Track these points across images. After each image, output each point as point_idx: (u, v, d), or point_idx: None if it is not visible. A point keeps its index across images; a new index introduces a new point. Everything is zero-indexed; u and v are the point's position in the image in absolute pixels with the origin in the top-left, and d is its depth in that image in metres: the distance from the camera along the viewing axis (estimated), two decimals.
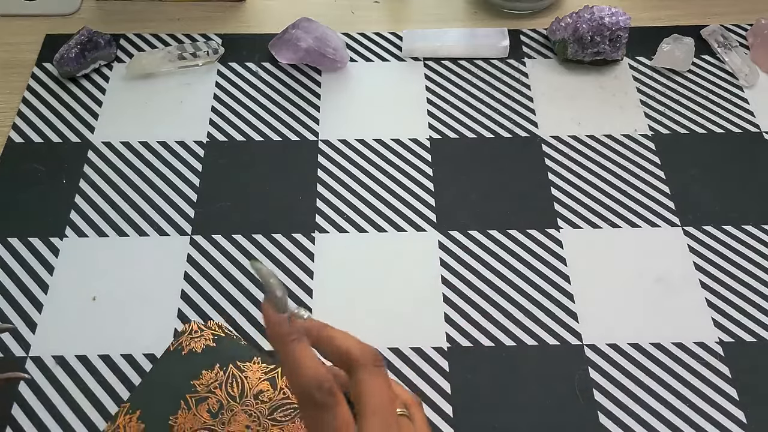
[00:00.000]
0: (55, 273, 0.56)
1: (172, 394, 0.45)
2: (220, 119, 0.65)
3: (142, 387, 0.47)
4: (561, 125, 0.65)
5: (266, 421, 0.44)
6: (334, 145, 0.64)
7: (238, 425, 0.44)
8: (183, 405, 0.45)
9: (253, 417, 0.44)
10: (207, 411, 0.44)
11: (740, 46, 0.70)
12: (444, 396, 0.51)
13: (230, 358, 0.47)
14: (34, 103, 0.66)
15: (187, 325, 0.50)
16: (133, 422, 0.44)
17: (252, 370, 0.46)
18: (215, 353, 0.47)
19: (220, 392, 0.45)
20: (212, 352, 0.47)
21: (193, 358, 0.47)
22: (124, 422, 0.44)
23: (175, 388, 0.46)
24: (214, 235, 0.58)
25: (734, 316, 0.54)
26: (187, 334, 0.49)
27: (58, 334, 0.53)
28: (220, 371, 0.46)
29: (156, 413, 0.45)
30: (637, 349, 0.53)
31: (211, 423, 0.44)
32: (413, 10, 0.75)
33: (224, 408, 0.45)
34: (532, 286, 0.56)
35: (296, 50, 0.68)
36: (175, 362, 0.48)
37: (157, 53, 0.68)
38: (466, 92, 0.68)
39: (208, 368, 0.46)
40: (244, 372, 0.46)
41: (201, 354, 0.47)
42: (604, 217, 0.60)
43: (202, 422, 0.44)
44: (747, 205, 0.60)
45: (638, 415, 0.50)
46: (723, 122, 0.65)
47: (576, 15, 0.67)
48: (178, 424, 0.44)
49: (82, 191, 0.61)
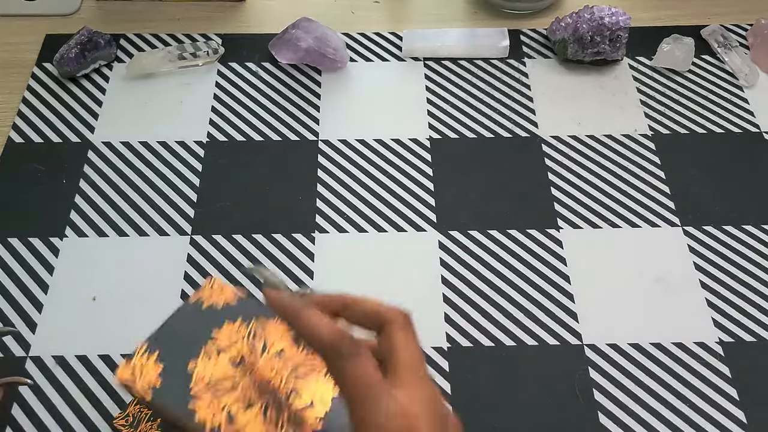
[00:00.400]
0: (55, 273, 0.56)
1: (192, 341, 0.44)
2: (220, 119, 0.65)
3: (160, 332, 0.46)
4: (561, 125, 0.65)
5: (287, 377, 0.43)
6: (334, 145, 0.64)
7: (259, 377, 0.43)
8: (203, 352, 0.44)
9: (275, 371, 0.43)
10: (229, 360, 0.43)
11: (740, 46, 0.70)
12: (444, 396, 0.51)
13: (252, 314, 0.46)
14: (34, 103, 0.66)
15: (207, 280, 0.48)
16: (151, 362, 0.43)
17: (274, 327, 0.45)
18: (235, 309, 0.46)
19: (241, 344, 0.44)
20: (232, 309, 0.46)
21: (213, 312, 0.46)
22: (142, 361, 0.43)
23: (195, 336, 0.45)
24: (214, 235, 0.58)
25: (734, 316, 0.54)
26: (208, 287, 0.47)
27: (58, 334, 0.53)
28: (242, 324, 0.45)
29: (175, 356, 0.43)
30: (637, 349, 0.53)
31: (231, 373, 0.43)
32: (413, 10, 0.75)
33: (246, 360, 0.43)
34: (532, 286, 0.56)
35: (296, 50, 0.68)
36: (195, 313, 0.46)
37: (157, 53, 0.68)
38: (466, 92, 0.68)
39: (231, 320, 0.45)
40: (266, 329, 0.45)
41: (221, 310, 0.46)
42: (604, 217, 0.60)
43: (223, 371, 0.43)
44: (747, 205, 0.60)
45: (638, 415, 0.50)
46: (723, 122, 0.65)
47: (576, 15, 0.67)
48: (198, 370, 0.43)
49: (82, 191, 0.61)
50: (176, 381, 0.42)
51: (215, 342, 0.44)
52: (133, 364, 0.43)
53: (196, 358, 0.43)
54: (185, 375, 0.42)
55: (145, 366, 0.43)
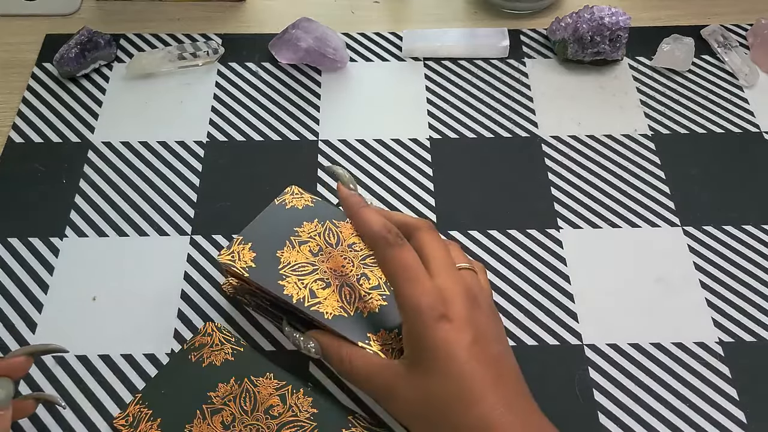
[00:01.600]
0: (55, 273, 0.56)
1: (278, 235, 0.51)
2: (220, 119, 0.66)
3: (251, 228, 0.52)
4: (561, 125, 0.65)
5: (358, 264, 0.51)
6: (334, 145, 0.64)
7: (334, 264, 0.50)
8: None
9: (347, 260, 0.51)
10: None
11: (740, 46, 0.70)
12: None
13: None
14: (34, 103, 0.66)
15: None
16: (246, 249, 0.51)
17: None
18: (232, 367, 0.50)
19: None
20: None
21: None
22: (239, 249, 0.50)
23: (280, 232, 0.52)
24: (214, 235, 0.58)
25: (734, 316, 0.54)
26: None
27: (58, 334, 0.53)
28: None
29: (265, 246, 0.51)
30: (637, 349, 0.53)
31: (312, 260, 0.50)
32: (413, 10, 0.75)
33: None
34: (532, 286, 0.56)
35: (296, 50, 0.68)
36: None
37: (157, 53, 0.68)
38: (466, 92, 0.68)
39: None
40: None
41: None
42: (604, 217, 0.60)
43: (304, 258, 0.50)
44: (747, 205, 0.60)
45: (638, 415, 0.50)
46: (723, 122, 0.65)
47: (576, 15, 0.67)
48: (284, 256, 0.50)
49: (82, 191, 0.61)
50: (267, 263, 0.50)
51: (297, 236, 0.51)
52: (232, 250, 0.50)
53: (282, 249, 0.51)
54: (274, 259, 0.50)
55: (241, 252, 0.50)
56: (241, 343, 0.51)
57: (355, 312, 0.48)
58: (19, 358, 0.45)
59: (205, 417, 0.48)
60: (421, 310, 0.42)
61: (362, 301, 0.49)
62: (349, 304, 0.49)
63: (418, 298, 0.42)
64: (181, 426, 0.47)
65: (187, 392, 0.49)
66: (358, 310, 0.48)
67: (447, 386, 0.41)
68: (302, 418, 0.47)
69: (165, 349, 0.52)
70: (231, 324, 0.54)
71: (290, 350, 0.53)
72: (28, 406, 0.47)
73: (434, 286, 0.43)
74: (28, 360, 0.45)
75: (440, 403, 0.41)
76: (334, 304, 0.48)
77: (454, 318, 0.42)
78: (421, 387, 0.42)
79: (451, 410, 0.41)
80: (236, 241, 0.51)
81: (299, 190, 0.54)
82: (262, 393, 0.49)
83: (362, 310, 0.48)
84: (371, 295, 0.49)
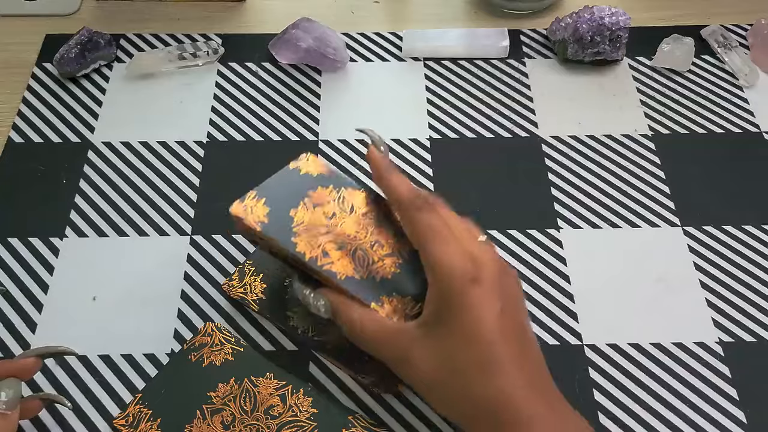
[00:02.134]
0: (55, 273, 0.56)
1: (292, 195, 0.49)
2: (220, 119, 0.65)
3: (264, 186, 0.50)
4: (561, 125, 0.65)
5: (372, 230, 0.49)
6: (334, 145, 0.64)
7: (348, 229, 0.49)
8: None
9: (362, 226, 0.49)
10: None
11: (740, 46, 0.70)
12: None
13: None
14: (34, 103, 0.66)
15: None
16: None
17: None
18: (232, 367, 0.50)
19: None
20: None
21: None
22: (252, 203, 0.48)
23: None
24: (214, 235, 0.58)
25: (734, 316, 0.54)
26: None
27: (58, 334, 0.53)
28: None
29: (278, 203, 0.48)
30: (637, 349, 0.53)
31: (326, 222, 0.49)
32: (413, 10, 0.75)
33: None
34: (532, 286, 0.56)
35: (296, 50, 0.68)
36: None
37: (157, 53, 0.68)
38: (466, 92, 0.68)
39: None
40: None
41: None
42: (604, 217, 0.60)
43: (318, 219, 0.48)
44: (747, 205, 0.60)
45: (638, 415, 0.50)
46: (723, 122, 0.65)
47: (576, 15, 0.67)
48: (298, 215, 0.49)
49: (82, 191, 0.61)
50: (280, 220, 0.48)
51: (311, 198, 0.49)
52: (245, 203, 0.48)
53: (296, 208, 0.49)
54: (287, 217, 0.48)
55: (254, 206, 0.48)
56: (241, 343, 0.51)
57: (369, 275, 0.47)
58: (29, 359, 0.45)
59: (205, 417, 0.48)
60: (454, 270, 0.41)
61: (375, 265, 0.47)
62: (362, 267, 0.47)
63: (450, 258, 0.42)
64: (181, 426, 0.48)
65: (187, 392, 0.49)
66: (371, 274, 0.47)
67: (470, 351, 0.40)
68: (302, 418, 0.47)
69: (165, 349, 0.52)
70: (231, 324, 0.54)
71: (290, 350, 0.53)
72: (34, 407, 0.47)
73: (466, 249, 0.42)
74: (37, 361, 0.46)
75: (460, 368, 0.40)
76: (347, 265, 0.47)
77: (485, 283, 0.41)
78: (441, 351, 0.41)
79: (471, 378, 0.40)
80: (249, 196, 0.49)
81: (314, 157, 0.53)
82: (262, 393, 0.49)
83: (375, 275, 0.47)
84: (385, 261, 0.48)
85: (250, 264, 0.55)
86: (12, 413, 0.42)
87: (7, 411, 0.41)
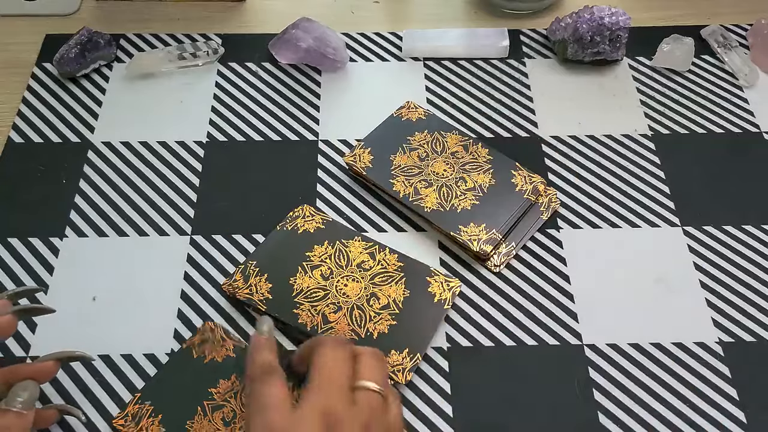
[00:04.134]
0: (55, 273, 0.56)
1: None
2: (220, 119, 0.65)
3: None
4: (561, 125, 0.65)
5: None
6: (334, 145, 0.64)
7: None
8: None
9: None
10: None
11: (740, 46, 0.70)
12: (444, 396, 0.51)
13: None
14: (34, 103, 0.66)
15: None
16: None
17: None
18: (233, 363, 0.50)
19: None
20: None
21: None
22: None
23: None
24: (214, 235, 0.58)
25: (734, 316, 0.54)
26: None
27: (58, 334, 0.53)
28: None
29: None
30: (637, 349, 0.53)
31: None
32: (413, 10, 0.75)
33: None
34: (532, 286, 0.56)
35: (296, 50, 0.68)
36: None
37: (157, 53, 0.68)
38: (466, 92, 0.68)
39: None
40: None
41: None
42: (604, 217, 0.60)
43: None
44: (747, 205, 0.60)
45: (638, 415, 0.50)
46: (723, 122, 0.65)
47: (576, 15, 0.67)
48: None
49: (82, 191, 0.61)
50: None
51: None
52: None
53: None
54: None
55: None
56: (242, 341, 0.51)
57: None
58: (47, 362, 0.46)
59: (206, 413, 0.48)
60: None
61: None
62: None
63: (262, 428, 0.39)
64: (183, 422, 0.48)
65: (188, 389, 0.49)
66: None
67: None
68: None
69: (165, 349, 0.52)
70: (231, 324, 0.54)
71: (290, 349, 0.53)
72: (50, 416, 0.48)
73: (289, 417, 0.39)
74: (55, 365, 0.46)
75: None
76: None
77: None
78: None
79: None
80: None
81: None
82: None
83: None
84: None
85: (252, 264, 0.55)
86: (28, 413, 0.42)
87: (23, 411, 0.42)
